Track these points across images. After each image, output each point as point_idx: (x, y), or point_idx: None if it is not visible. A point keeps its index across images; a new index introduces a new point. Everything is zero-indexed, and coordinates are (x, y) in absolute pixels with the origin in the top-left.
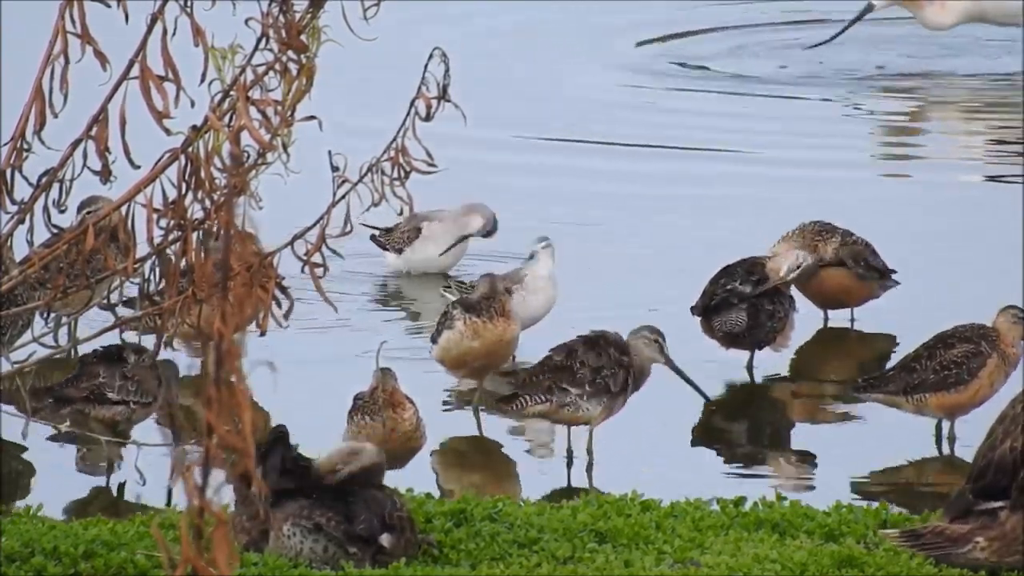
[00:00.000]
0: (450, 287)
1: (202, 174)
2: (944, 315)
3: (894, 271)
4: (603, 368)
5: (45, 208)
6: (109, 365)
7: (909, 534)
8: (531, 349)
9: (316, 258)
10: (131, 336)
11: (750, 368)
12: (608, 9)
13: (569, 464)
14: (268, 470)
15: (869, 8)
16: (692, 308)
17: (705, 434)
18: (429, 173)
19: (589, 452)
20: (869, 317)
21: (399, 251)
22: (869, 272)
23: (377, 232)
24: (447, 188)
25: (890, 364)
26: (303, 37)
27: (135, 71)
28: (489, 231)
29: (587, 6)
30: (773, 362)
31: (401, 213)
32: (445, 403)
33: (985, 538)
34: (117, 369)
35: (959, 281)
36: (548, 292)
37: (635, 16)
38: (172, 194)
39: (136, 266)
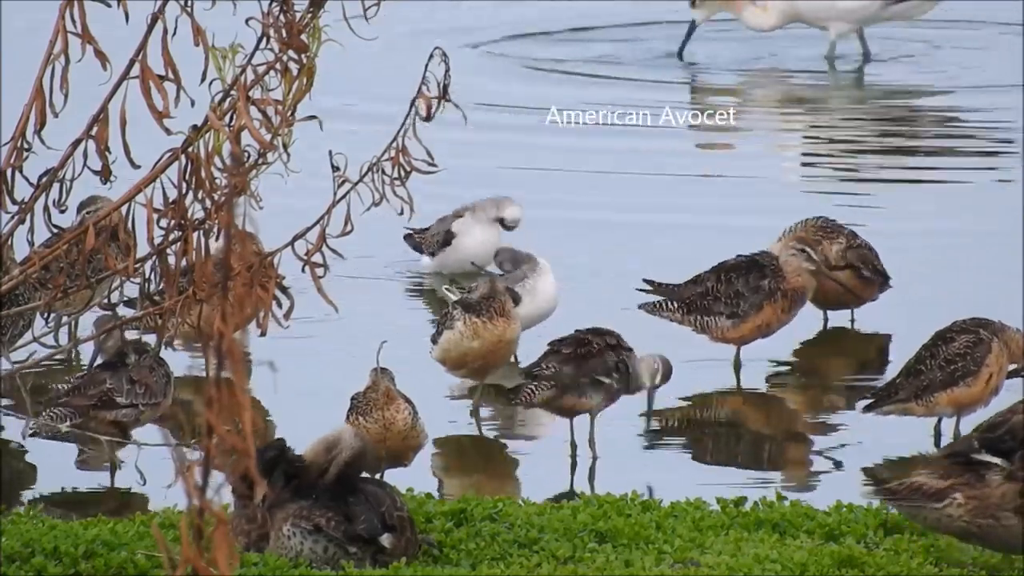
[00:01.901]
0: (451, 288)
1: (202, 174)
2: (944, 313)
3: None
4: (619, 357)
5: (45, 208)
6: (115, 370)
7: (886, 491)
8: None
9: (316, 258)
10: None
11: (736, 366)
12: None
13: (573, 456)
14: (271, 483)
15: (693, 25)
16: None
17: (705, 434)
18: (429, 173)
19: (592, 446)
20: (869, 317)
21: (432, 254)
22: (875, 275)
23: (407, 233)
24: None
25: (890, 368)
26: (303, 37)
27: (135, 71)
28: (516, 220)
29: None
30: (774, 362)
31: (401, 213)
32: (447, 402)
33: (964, 495)
34: (123, 373)
35: (958, 281)
36: (551, 290)
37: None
38: (172, 194)
39: (136, 266)
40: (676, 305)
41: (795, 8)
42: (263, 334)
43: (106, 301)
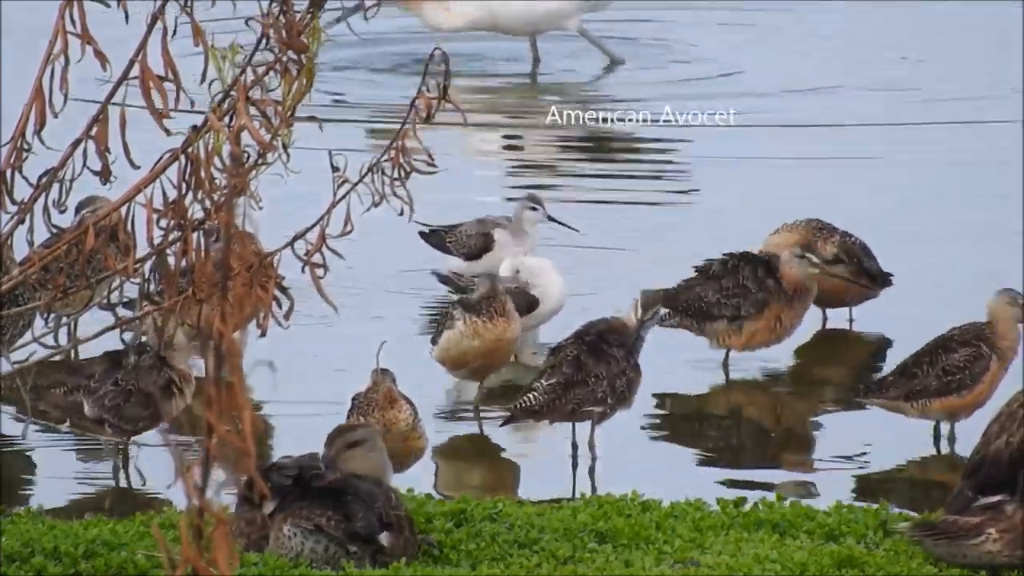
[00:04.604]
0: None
1: (202, 174)
2: (943, 312)
3: (890, 274)
4: (616, 377)
5: (45, 208)
6: (107, 369)
7: (923, 525)
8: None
9: (316, 258)
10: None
11: (725, 365)
12: None
13: (574, 456)
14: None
15: (360, 8)
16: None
17: (705, 434)
18: (429, 173)
19: (592, 449)
20: (868, 317)
21: (467, 257)
22: (858, 275)
23: (432, 229)
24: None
25: (888, 366)
26: (303, 37)
27: (135, 71)
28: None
29: None
30: (773, 362)
31: (401, 213)
32: (445, 403)
33: (997, 530)
34: (110, 377)
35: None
36: (561, 287)
37: None
38: (172, 194)
39: (136, 266)
40: (671, 312)
41: (492, 15)
42: (263, 334)
43: (106, 301)
